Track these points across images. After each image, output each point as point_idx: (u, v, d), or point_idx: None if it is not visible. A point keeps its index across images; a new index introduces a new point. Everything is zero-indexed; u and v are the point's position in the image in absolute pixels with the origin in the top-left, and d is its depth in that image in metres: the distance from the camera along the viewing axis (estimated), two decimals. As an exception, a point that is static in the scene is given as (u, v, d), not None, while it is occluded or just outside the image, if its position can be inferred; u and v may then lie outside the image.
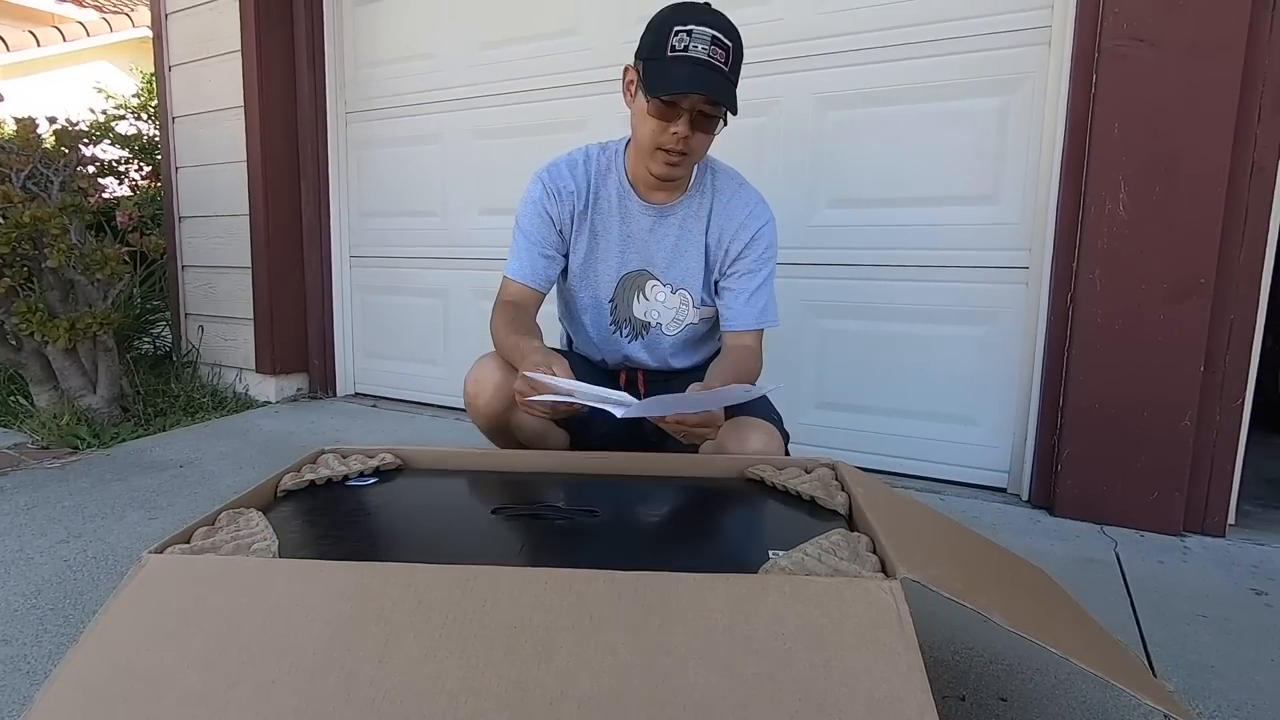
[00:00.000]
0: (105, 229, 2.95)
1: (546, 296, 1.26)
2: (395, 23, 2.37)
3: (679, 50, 1.01)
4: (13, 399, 2.20)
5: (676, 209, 1.20)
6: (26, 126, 2.02)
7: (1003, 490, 1.67)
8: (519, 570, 0.61)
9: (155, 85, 2.76)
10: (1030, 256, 1.59)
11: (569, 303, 1.31)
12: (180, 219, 2.69)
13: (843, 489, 0.85)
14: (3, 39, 6.04)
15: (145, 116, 3.88)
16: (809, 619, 0.56)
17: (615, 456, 0.97)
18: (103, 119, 3.77)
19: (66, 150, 2.11)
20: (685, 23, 1.01)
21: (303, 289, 2.57)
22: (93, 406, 2.09)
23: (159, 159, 2.96)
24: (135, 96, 4.25)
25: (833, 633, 0.55)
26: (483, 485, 0.93)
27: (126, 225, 2.92)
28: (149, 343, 2.83)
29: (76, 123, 2.23)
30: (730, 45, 1.03)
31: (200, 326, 2.69)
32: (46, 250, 1.91)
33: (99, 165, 3.41)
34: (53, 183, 2.03)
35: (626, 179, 1.20)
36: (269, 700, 0.52)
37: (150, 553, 0.65)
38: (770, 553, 0.67)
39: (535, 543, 0.76)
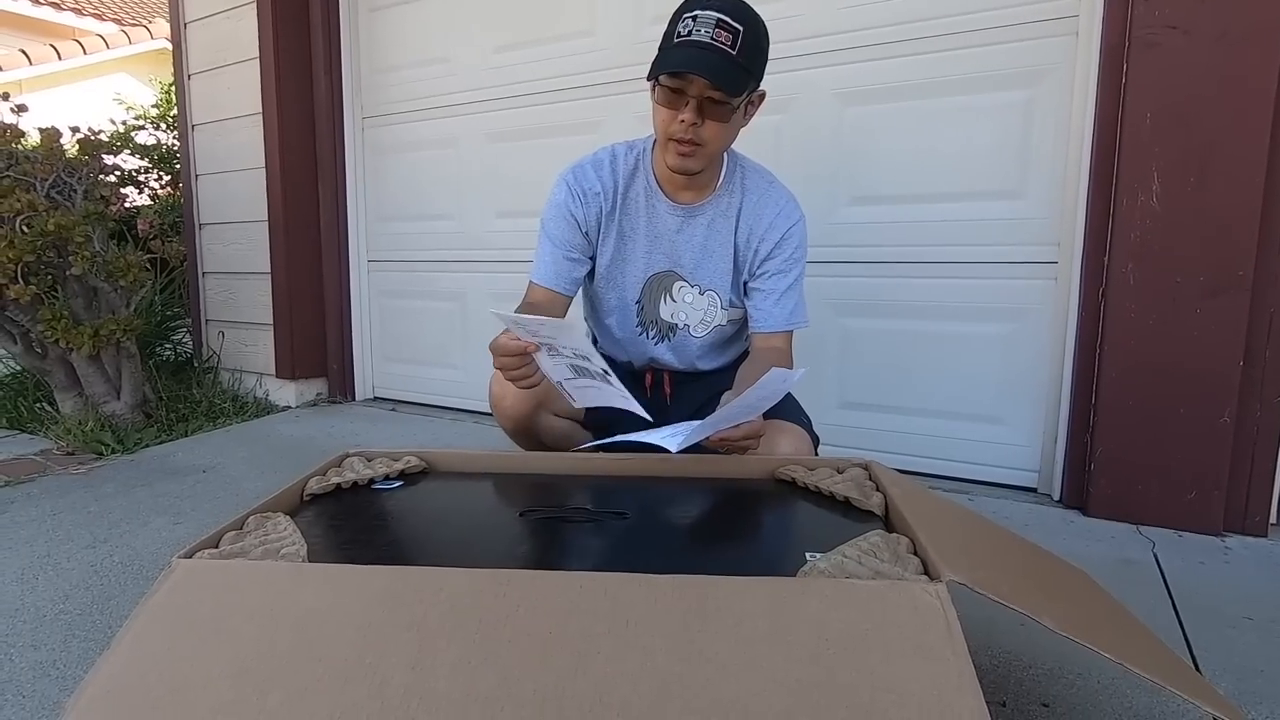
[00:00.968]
0: (127, 237, 2.98)
1: (573, 300, 1.25)
2: (410, 27, 2.38)
3: (682, 35, 1.00)
4: (38, 405, 2.22)
5: (705, 208, 1.18)
6: (50, 136, 2.04)
7: (1033, 490, 1.64)
8: (553, 574, 0.60)
9: (175, 94, 2.78)
10: (1059, 252, 1.55)
11: (595, 304, 1.30)
12: (200, 226, 2.71)
13: (878, 489, 0.83)
14: (25, 53, 6.15)
15: (164, 126, 3.92)
16: (853, 624, 0.54)
17: (641, 458, 0.96)
18: (123, 129, 3.81)
19: (89, 159, 2.13)
20: (692, 9, 1.00)
21: (321, 294, 2.58)
22: (117, 412, 2.10)
23: (178, 167, 2.99)
24: (154, 107, 4.30)
25: (878, 638, 0.53)
26: (509, 487, 0.92)
27: (148, 233, 2.95)
28: (170, 349, 2.85)
29: (98, 132, 2.26)
30: (739, 29, 0.99)
31: (221, 332, 2.72)
32: (70, 258, 1.93)
33: (120, 174, 3.46)
34: (76, 191, 2.05)
35: (654, 178, 1.18)
36: (302, 708, 0.50)
37: (179, 558, 0.64)
38: (807, 555, 0.66)
39: (565, 546, 0.74)
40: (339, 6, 2.45)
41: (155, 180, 3.67)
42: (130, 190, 3.56)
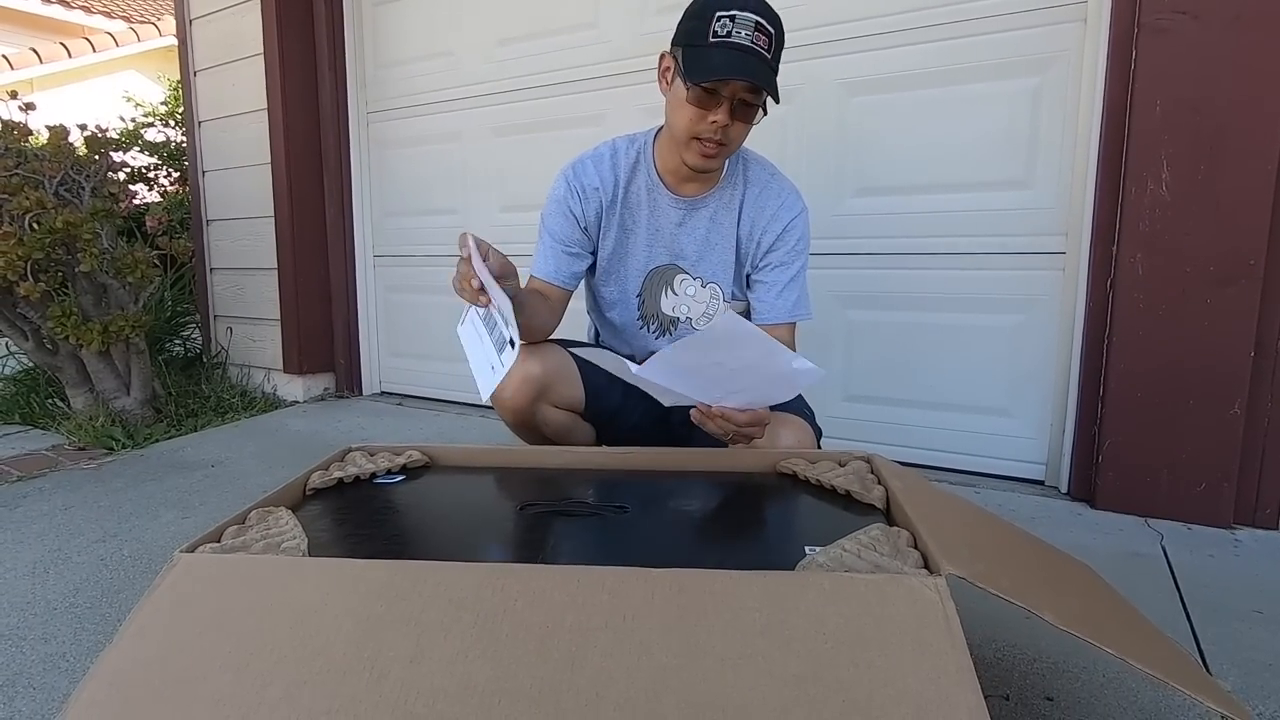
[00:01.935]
0: (136, 234, 3.00)
1: (574, 294, 1.25)
2: (414, 21, 2.38)
3: (721, 36, 0.98)
4: (50, 401, 2.25)
5: (707, 201, 1.18)
6: (58, 134, 2.05)
7: (1040, 483, 1.63)
8: (551, 569, 0.60)
9: (181, 91, 2.79)
10: (1066, 242, 1.54)
11: (597, 298, 1.30)
12: (208, 222, 2.72)
13: (879, 482, 0.82)
14: (35, 51, 6.19)
15: (172, 123, 3.94)
16: (851, 618, 0.54)
17: (643, 452, 0.96)
18: (131, 126, 3.84)
19: (97, 157, 2.14)
20: (728, 8, 0.98)
21: (327, 289, 2.59)
22: (126, 408, 2.12)
23: (186, 164, 3.01)
24: (163, 104, 4.32)
25: (876, 632, 0.53)
26: (510, 482, 0.92)
27: (156, 229, 2.97)
28: (179, 345, 2.88)
29: (106, 130, 2.27)
30: (772, 32, 1.00)
31: (229, 328, 2.73)
32: (79, 255, 1.94)
33: (129, 172, 3.48)
34: (84, 189, 2.06)
35: (655, 172, 1.18)
36: (301, 701, 0.51)
37: (181, 552, 0.65)
38: (806, 549, 0.65)
39: (565, 540, 0.74)
40: (343, 1, 2.45)
41: (165, 177, 3.70)
42: (140, 187, 3.59)
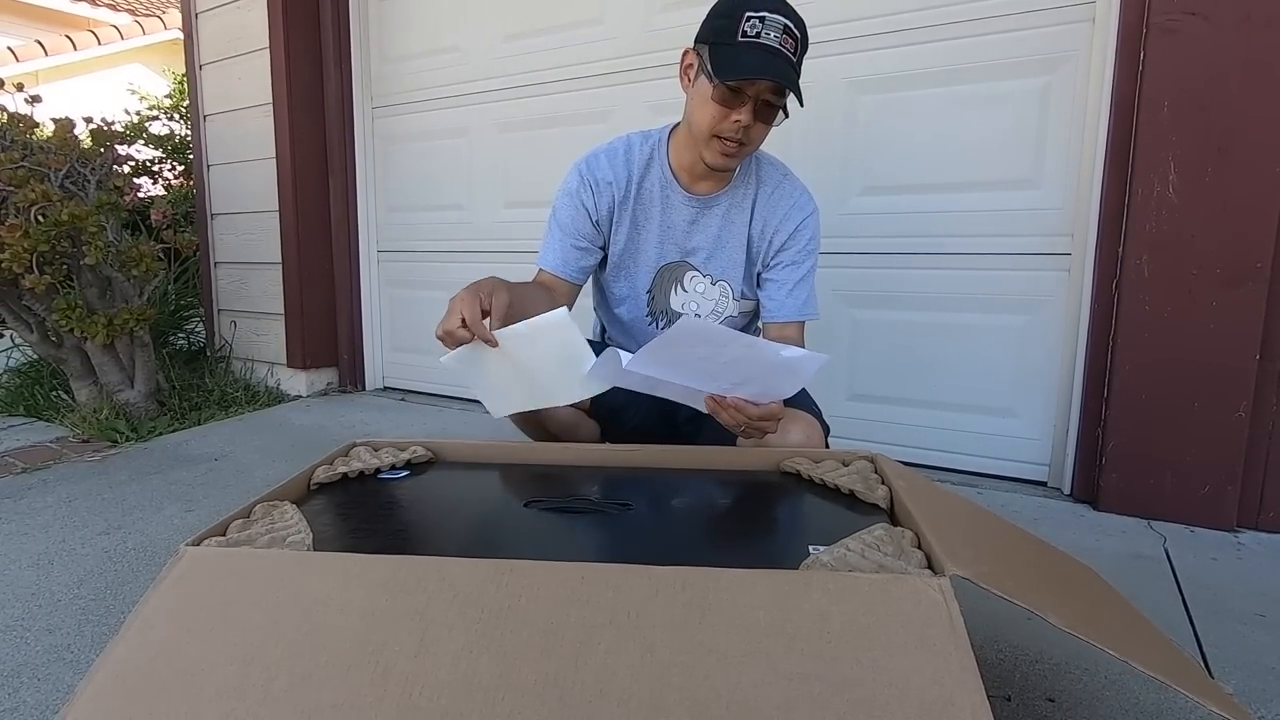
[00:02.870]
0: (141, 227, 3.01)
1: (582, 290, 1.25)
2: (420, 16, 2.37)
3: (750, 36, 0.99)
4: (54, 394, 2.25)
5: (720, 199, 1.18)
6: (64, 127, 2.06)
7: (1043, 484, 1.63)
8: (555, 565, 0.60)
9: (187, 85, 2.79)
10: (1073, 243, 1.53)
11: (606, 293, 1.29)
12: (212, 216, 2.73)
13: (883, 482, 0.82)
14: (41, 44, 6.20)
15: (177, 116, 3.95)
16: (854, 617, 0.54)
17: (647, 449, 0.96)
18: (136, 120, 3.84)
19: (102, 150, 2.15)
20: (758, 9, 0.99)
21: (332, 284, 2.59)
22: (130, 401, 2.13)
23: (191, 158, 3.01)
24: (168, 97, 4.32)
25: (880, 632, 0.53)
26: (514, 478, 0.92)
27: (161, 223, 2.97)
28: (183, 338, 2.88)
29: (111, 123, 2.27)
30: (799, 36, 1.01)
31: (233, 322, 2.74)
32: (84, 248, 1.94)
33: (134, 165, 3.48)
34: (89, 182, 2.06)
35: (669, 169, 1.18)
36: (306, 694, 0.51)
37: (187, 545, 0.65)
38: (810, 548, 0.65)
39: (569, 536, 0.74)
40: (348, -4, 2.45)
41: (169, 170, 3.70)
42: (145, 180, 3.59)
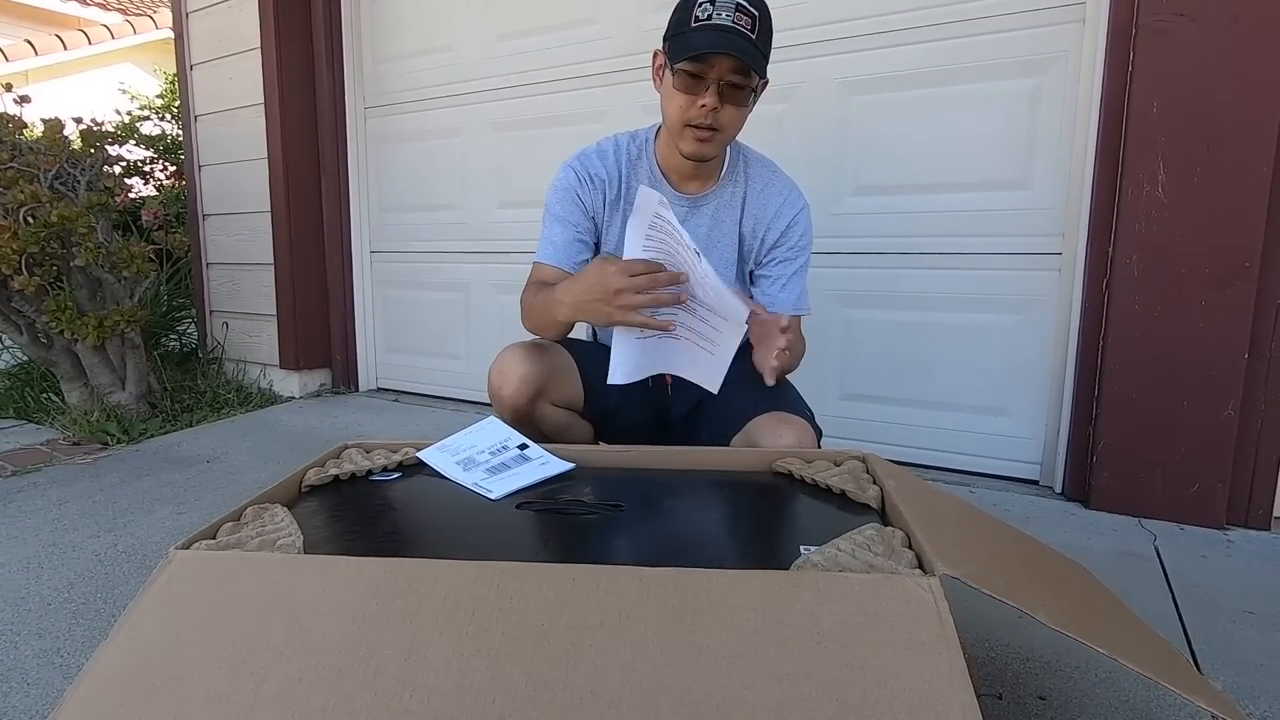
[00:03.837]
0: (132, 228, 2.99)
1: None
2: (412, 16, 2.37)
3: (702, 20, 0.99)
4: (45, 396, 2.24)
5: (709, 199, 1.18)
6: (53, 128, 2.04)
7: (1035, 483, 1.63)
8: (546, 567, 0.60)
9: (178, 85, 2.78)
10: (1063, 242, 1.54)
11: None
12: (204, 217, 2.72)
13: (874, 482, 0.82)
14: (31, 43, 6.15)
15: (169, 116, 3.93)
16: (845, 617, 0.54)
17: (641, 450, 0.96)
18: (127, 120, 3.82)
19: (93, 150, 2.13)
20: None
21: (324, 284, 2.59)
22: (122, 403, 2.12)
23: (182, 158, 3.00)
24: (159, 97, 4.30)
25: (870, 632, 0.53)
26: (506, 479, 0.92)
27: (152, 223, 2.96)
28: (175, 340, 2.87)
29: (102, 123, 2.26)
30: (755, 14, 1.00)
31: (225, 323, 2.73)
32: (75, 249, 1.93)
33: (125, 165, 3.46)
34: (80, 182, 2.05)
35: (658, 169, 1.18)
36: (296, 698, 0.51)
37: (177, 549, 0.65)
38: (802, 548, 0.66)
39: (561, 538, 0.74)
40: (340, -5, 2.44)
41: (161, 171, 3.68)
42: (136, 181, 3.57)
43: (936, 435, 1.73)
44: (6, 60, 5.94)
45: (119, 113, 3.86)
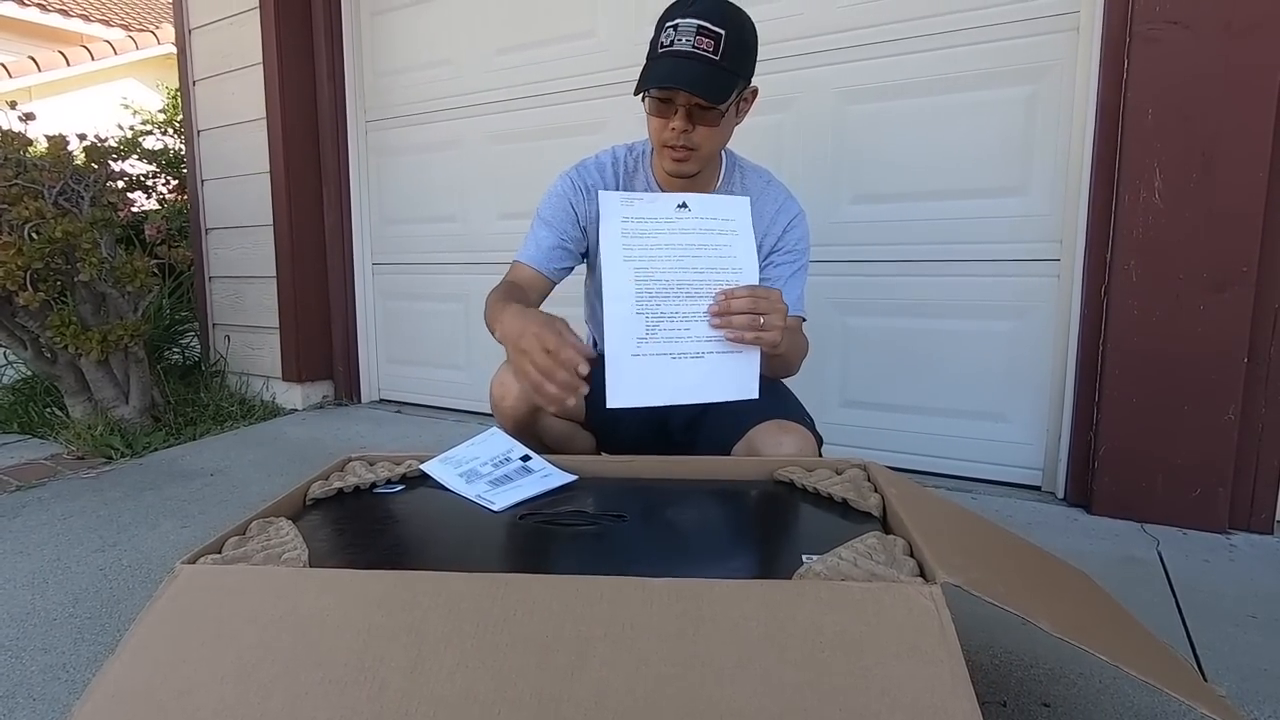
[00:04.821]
0: (135, 242, 3.01)
1: (572, 297, 1.25)
2: (412, 30, 2.39)
3: (665, 46, 1.00)
4: (49, 410, 2.25)
5: None
6: (57, 144, 2.06)
7: (1037, 488, 1.64)
8: (549, 578, 0.60)
9: (180, 100, 2.80)
10: (1061, 249, 1.55)
11: (595, 306, 1.30)
12: (207, 231, 2.73)
13: (875, 490, 0.83)
14: (34, 60, 6.20)
15: (171, 131, 3.95)
16: (847, 626, 0.55)
17: (642, 460, 0.96)
18: (130, 135, 3.84)
19: (96, 166, 2.15)
20: (674, 17, 1.00)
21: (326, 297, 2.60)
22: (125, 417, 2.12)
23: (185, 172, 3.02)
24: (161, 112, 4.33)
25: (872, 640, 0.54)
26: (509, 491, 0.92)
27: (155, 238, 2.97)
28: (178, 353, 2.88)
29: (105, 139, 2.28)
30: (720, 33, 0.98)
31: (227, 336, 2.74)
32: (78, 264, 1.95)
33: (128, 180, 3.48)
34: (83, 198, 2.07)
35: (655, 180, 1.19)
36: (302, 711, 0.51)
37: (182, 563, 0.65)
38: (804, 557, 0.66)
39: (563, 549, 0.75)
40: (341, 11, 2.47)
41: (163, 185, 3.70)
42: (139, 195, 3.59)
43: (938, 441, 1.73)
44: (10, 76, 5.99)
45: (121, 128, 3.89)
